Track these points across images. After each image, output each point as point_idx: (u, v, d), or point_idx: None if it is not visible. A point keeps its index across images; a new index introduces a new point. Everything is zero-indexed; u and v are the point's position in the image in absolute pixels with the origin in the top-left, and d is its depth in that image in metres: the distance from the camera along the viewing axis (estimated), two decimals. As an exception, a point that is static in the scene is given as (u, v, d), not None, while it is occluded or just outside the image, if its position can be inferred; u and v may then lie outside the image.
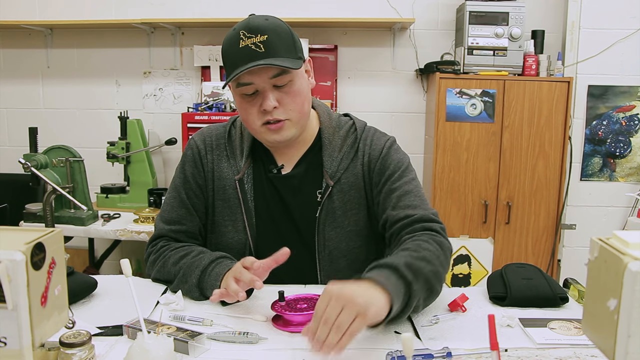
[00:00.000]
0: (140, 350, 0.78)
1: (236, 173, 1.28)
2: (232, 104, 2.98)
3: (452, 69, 2.74)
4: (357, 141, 1.29)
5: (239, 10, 3.06)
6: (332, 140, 1.28)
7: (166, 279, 1.23)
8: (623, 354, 0.60)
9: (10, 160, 3.11)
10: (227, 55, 1.16)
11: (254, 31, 1.12)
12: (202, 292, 1.15)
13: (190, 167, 1.31)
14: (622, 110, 2.89)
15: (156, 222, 1.33)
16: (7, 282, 0.62)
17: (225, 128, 1.33)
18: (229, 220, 1.28)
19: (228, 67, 1.16)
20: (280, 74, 1.14)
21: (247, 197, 1.27)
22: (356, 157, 1.28)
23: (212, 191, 1.30)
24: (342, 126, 1.31)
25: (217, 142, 1.32)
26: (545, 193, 2.78)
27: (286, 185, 1.28)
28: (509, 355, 0.92)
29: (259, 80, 1.14)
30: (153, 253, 1.28)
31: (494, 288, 1.18)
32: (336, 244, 1.26)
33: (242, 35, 1.12)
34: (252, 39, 1.11)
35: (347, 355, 0.92)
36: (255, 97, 1.17)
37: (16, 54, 3.25)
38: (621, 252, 0.62)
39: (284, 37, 1.14)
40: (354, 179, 1.27)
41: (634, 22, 2.81)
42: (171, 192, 1.33)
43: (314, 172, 1.28)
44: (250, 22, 1.13)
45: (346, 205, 1.26)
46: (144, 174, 2.77)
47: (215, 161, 1.30)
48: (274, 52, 1.12)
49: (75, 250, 3.10)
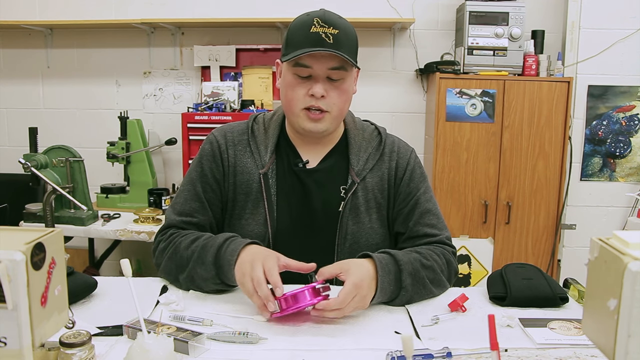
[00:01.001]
0: (140, 350, 0.78)
1: (261, 167, 1.30)
2: (232, 104, 2.98)
3: (452, 69, 2.74)
4: (382, 144, 1.35)
5: (239, 10, 3.07)
6: (357, 140, 1.35)
7: (178, 264, 1.21)
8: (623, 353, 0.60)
9: (10, 160, 3.10)
10: (294, 34, 1.21)
11: (329, 23, 1.18)
12: (219, 271, 1.14)
13: (209, 161, 1.33)
14: (622, 110, 2.89)
15: (167, 213, 1.34)
16: (7, 282, 0.62)
17: (248, 124, 1.36)
18: (250, 213, 1.30)
19: (291, 46, 1.21)
20: (338, 68, 1.20)
21: (271, 191, 1.30)
22: (382, 160, 1.34)
23: (232, 185, 1.32)
24: (365, 129, 1.38)
25: (240, 138, 1.34)
26: (545, 193, 2.78)
27: (312, 179, 1.31)
28: (509, 355, 0.92)
29: (318, 66, 1.19)
30: (162, 241, 1.28)
31: (494, 288, 1.18)
32: (356, 239, 1.30)
33: (316, 22, 1.18)
34: (325, 29, 1.18)
35: (348, 355, 0.92)
36: (306, 81, 1.22)
37: (16, 54, 3.25)
38: (621, 252, 0.62)
39: (351, 38, 1.22)
40: (378, 180, 1.33)
41: (634, 22, 2.81)
42: (186, 184, 1.34)
43: (339, 169, 1.33)
44: (326, 15, 1.20)
45: (368, 203, 1.31)
46: (144, 174, 2.77)
47: (238, 156, 1.32)
48: (340, 47, 1.18)
49: (75, 250, 3.10)
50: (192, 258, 1.19)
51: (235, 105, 3.01)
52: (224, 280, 1.15)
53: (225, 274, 1.14)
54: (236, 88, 3.04)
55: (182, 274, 1.20)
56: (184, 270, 1.20)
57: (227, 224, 1.34)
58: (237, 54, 3.10)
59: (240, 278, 1.09)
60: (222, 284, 1.16)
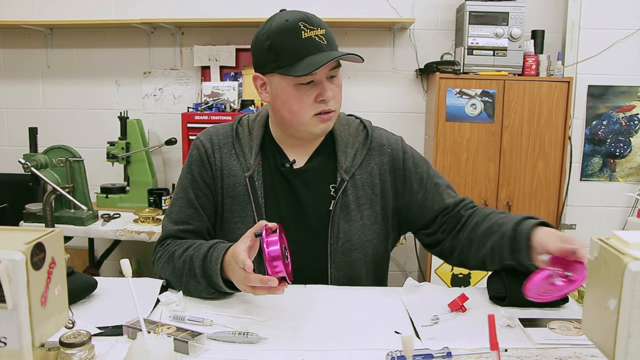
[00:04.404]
0: (140, 350, 0.78)
1: (246, 170, 1.29)
2: (232, 104, 2.98)
3: (452, 69, 2.74)
4: (368, 139, 1.33)
5: (239, 10, 3.07)
6: (344, 137, 1.33)
7: (176, 275, 1.21)
8: (623, 353, 0.60)
9: (10, 160, 3.10)
10: (284, 44, 1.16)
11: (314, 24, 1.17)
12: (209, 281, 1.14)
13: (197, 166, 1.32)
14: (622, 110, 2.89)
15: (164, 224, 1.33)
16: (7, 282, 0.62)
17: (232, 127, 1.34)
18: (239, 217, 1.30)
19: (288, 57, 1.16)
20: (337, 67, 1.20)
21: (258, 193, 1.28)
22: (370, 154, 1.32)
23: (220, 189, 1.31)
24: (350, 124, 1.36)
25: (225, 141, 1.33)
26: (545, 193, 2.78)
27: (299, 179, 1.30)
28: (509, 355, 0.92)
29: (322, 70, 1.17)
30: (160, 252, 1.29)
31: (494, 288, 1.18)
32: (348, 237, 1.29)
33: (303, 27, 1.16)
34: (315, 32, 1.16)
35: (348, 355, 0.92)
36: (311, 87, 1.20)
37: (16, 54, 3.25)
38: (621, 252, 0.62)
39: (330, 31, 1.22)
40: (368, 176, 1.31)
41: (634, 22, 2.81)
42: (178, 192, 1.33)
43: (327, 167, 1.31)
44: (307, 15, 1.18)
45: (359, 200, 1.30)
46: (143, 174, 2.77)
47: (224, 159, 1.31)
48: (333, 45, 1.19)
49: (75, 250, 3.10)
50: (184, 271, 1.19)
51: (235, 105, 3.00)
52: (217, 289, 1.14)
53: (215, 283, 1.13)
54: (236, 88, 3.04)
55: (180, 285, 1.21)
56: (181, 282, 1.20)
57: (218, 228, 1.34)
58: (237, 54, 3.10)
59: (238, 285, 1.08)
60: (216, 292, 1.16)
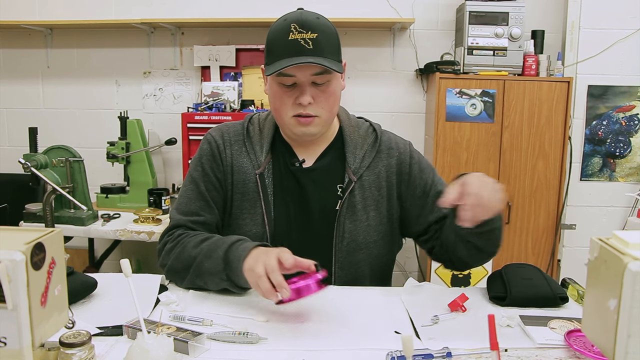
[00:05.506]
0: (140, 350, 0.78)
1: (257, 167, 1.30)
2: (232, 104, 2.98)
3: (452, 69, 2.74)
4: (377, 141, 1.34)
5: (239, 10, 3.07)
6: (353, 138, 1.34)
7: (185, 264, 1.20)
8: (623, 353, 0.60)
9: (10, 160, 3.10)
10: (273, 44, 1.20)
11: (306, 27, 1.16)
12: (226, 266, 1.13)
13: (209, 160, 1.32)
14: (622, 110, 2.89)
15: (172, 215, 1.33)
16: (7, 282, 0.62)
17: (243, 125, 1.36)
18: (247, 213, 1.30)
19: (272, 55, 1.20)
20: (322, 73, 1.19)
21: (267, 191, 1.29)
22: (378, 157, 1.33)
23: (230, 185, 1.31)
24: (360, 126, 1.37)
25: (236, 138, 1.34)
26: (545, 193, 2.78)
27: (308, 178, 1.31)
28: (509, 355, 0.92)
29: (301, 74, 1.18)
30: (170, 242, 1.27)
31: (494, 288, 1.18)
32: (354, 237, 1.29)
33: (293, 28, 1.16)
34: (303, 35, 1.15)
35: (348, 355, 0.92)
36: (292, 89, 1.21)
37: (16, 54, 3.25)
38: (621, 252, 0.62)
39: (332, 39, 1.20)
40: (375, 178, 1.32)
41: (634, 22, 2.81)
42: (188, 185, 1.33)
43: (336, 167, 1.32)
44: (303, 17, 1.17)
45: (366, 201, 1.31)
46: (143, 174, 2.77)
47: (235, 155, 1.32)
48: (320, 51, 1.17)
49: (75, 250, 3.10)
50: (199, 254, 1.18)
51: (235, 105, 3.00)
52: (231, 277, 1.13)
53: (233, 270, 1.11)
54: (236, 88, 3.04)
55: (188, 272, 1.19)
56: (190, 268, 1.19)
57: (225, 224, 1.34)
58: (237, 54, 3.10)
59: (251, 264, 1.06)
60: (228, 280, 1.14)
